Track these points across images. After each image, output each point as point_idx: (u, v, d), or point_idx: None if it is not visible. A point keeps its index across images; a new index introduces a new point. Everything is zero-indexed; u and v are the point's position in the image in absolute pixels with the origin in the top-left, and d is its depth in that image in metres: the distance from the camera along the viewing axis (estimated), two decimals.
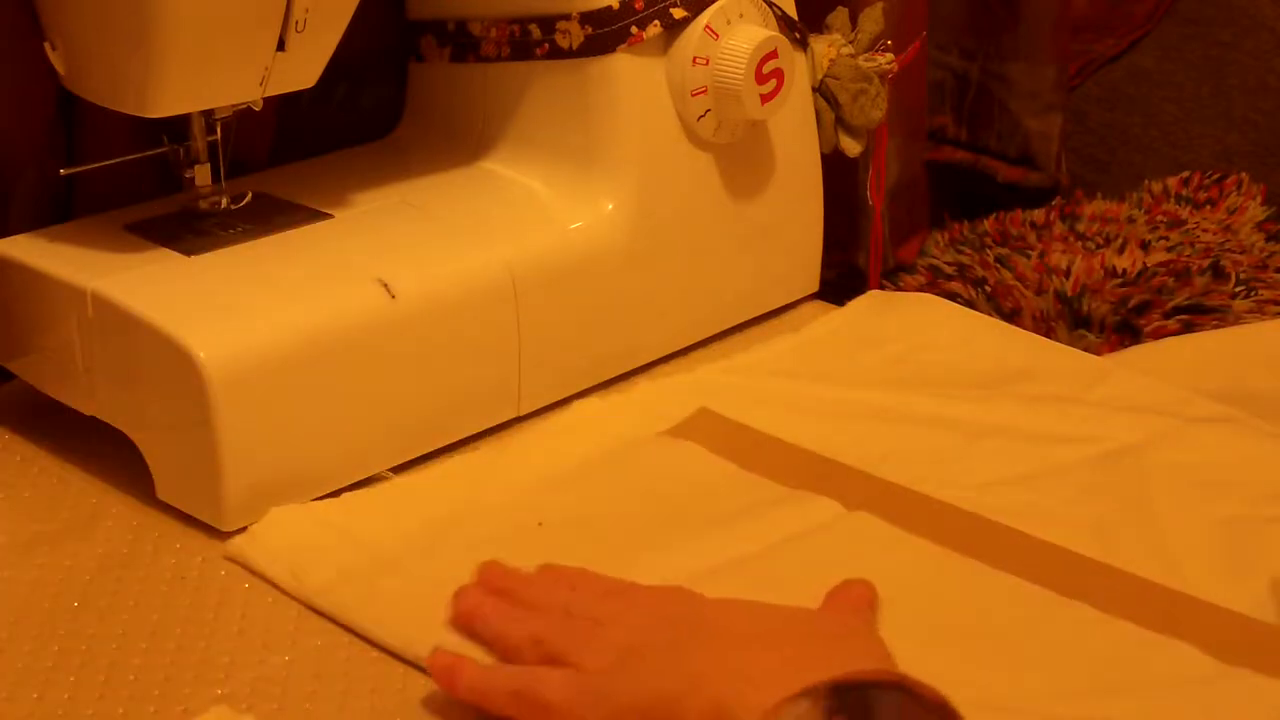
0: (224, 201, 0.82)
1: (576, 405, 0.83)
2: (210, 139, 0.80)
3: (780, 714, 0.47)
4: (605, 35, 0.84)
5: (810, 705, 0.47)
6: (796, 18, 0.92)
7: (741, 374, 0.87)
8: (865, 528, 0.71)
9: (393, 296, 0.76)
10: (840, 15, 0.95)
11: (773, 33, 0.87)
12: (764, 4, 0.89)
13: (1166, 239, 1.14)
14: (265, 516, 0.72)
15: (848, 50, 0.94)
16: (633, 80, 0.85)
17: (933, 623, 0.64)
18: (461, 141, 0.90)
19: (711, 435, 0.79)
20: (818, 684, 0.47)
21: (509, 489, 0.75)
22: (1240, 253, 1.13)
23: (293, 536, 0.71)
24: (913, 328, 0.92)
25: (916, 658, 0.62)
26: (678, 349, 0.91)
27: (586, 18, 0.84)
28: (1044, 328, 1.03)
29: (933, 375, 0.86)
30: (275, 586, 0.69)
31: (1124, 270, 1.07)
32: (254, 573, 0.69)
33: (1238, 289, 1.05)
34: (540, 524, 0.72)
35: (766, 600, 0.62)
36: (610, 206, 0.85)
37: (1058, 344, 0.93)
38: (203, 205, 0.82)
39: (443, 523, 0.72)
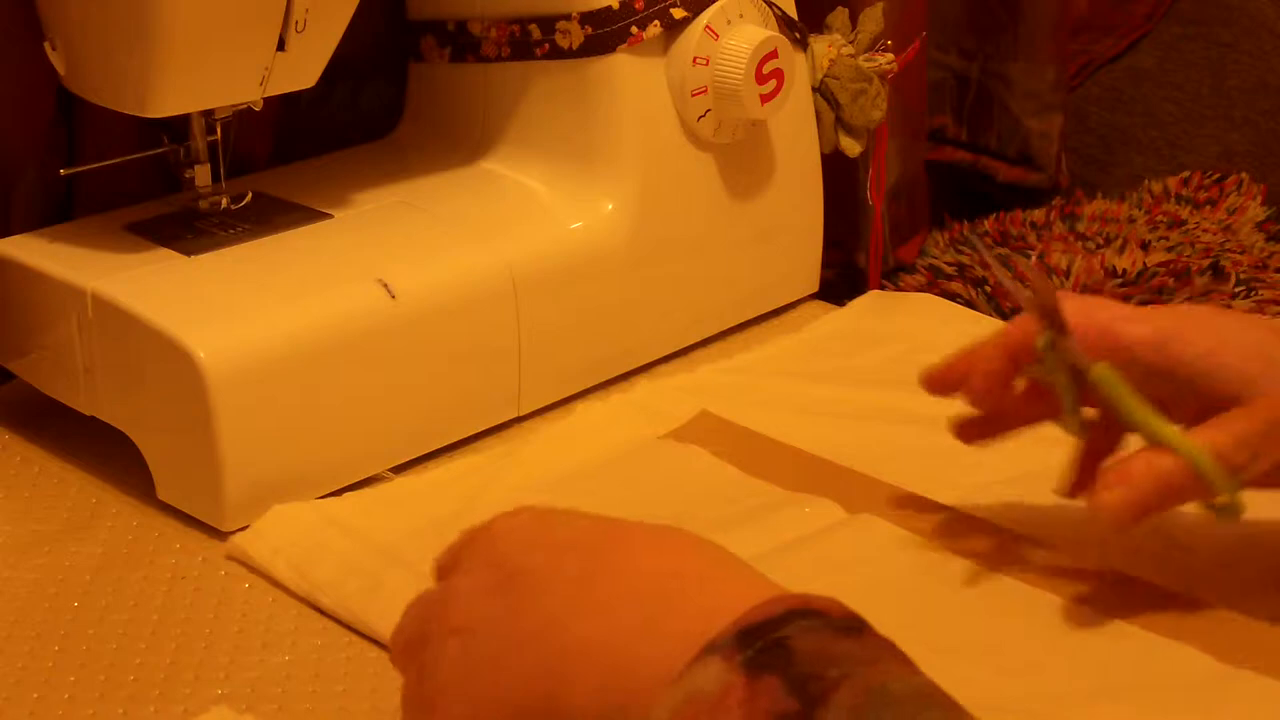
0: (224, 201, 0.82)
1: (578, 408, 0.83)
2: (210, 139, 0.80)
3: (696, 676, 0.43)
4: (605, 35, 0.84)
5: (724, 662, 0.43)
6: (796, 18, 0.92)
7: (741, 374, 0.87)
8: (869, 531, 0.71)
9: (393, 296, 0.76)
10: (840, 15, 0.95)
11: (773, 33, 0.87)
12: (764, 4, 0.89)
13: (1166, 239, 1.14)
14: (267, 513, 0.72)
15: (848, 50, 0.94)
16: (633, 80, 0.85)
17: (935, 626, 0.64)
18: (461, 141, 0.90)
19: (713, 438, 0.79)
20: (718, 636, 0.43)
21: (512, 491, 0.75)
22: (1240, 253, 1.13)
23: (295, 533, 0.71)
24: (913, 328, 0.92)
25: (919, 661, 0.62)
26: (678, 349, 0.91)
27: (586, 18, 0.84)
28: None
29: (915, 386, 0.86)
30: (277, 584, 0.69)
31: (1124, 270, 1.07)
32: (255, 570, 0.69)
33: (1238, 289, 1.05)
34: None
35: None
36: (610, 206, 0.85)
37: None
38: (203, 205, 0.82)
39: (446, 521, 0.72)
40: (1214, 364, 0.61)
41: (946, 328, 0.92)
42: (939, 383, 0.68)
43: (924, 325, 0.93)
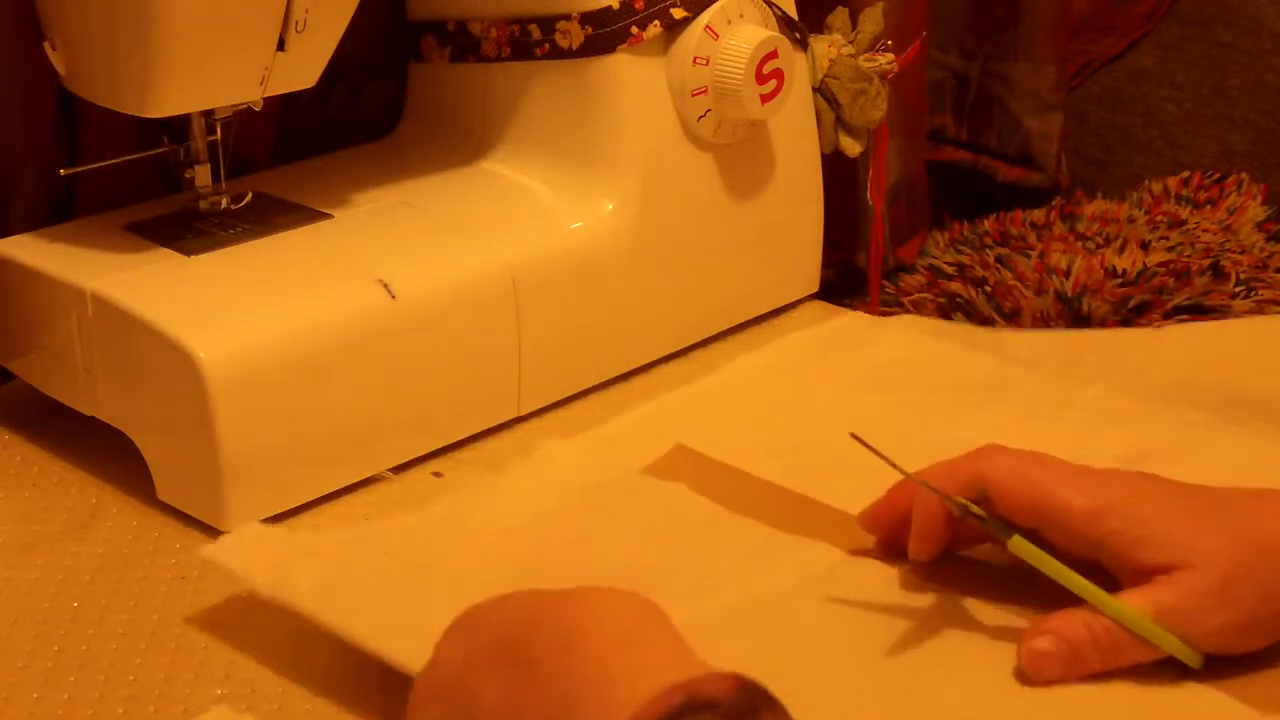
0: (224, 201, 0.82)
1: (544, 445, 0.79)
2: (210, 139, 0.81)
3: None
4: (605, 35, 0.84)
5: None
6: (796, 18, 0.92)
7: (712, 401, 0.84)
8: (868, 574, 0.68)
9: (393, 296, 0.76)
10: (840, 15, 0.95)
11: (773, 33, 0.87)
12: (764, 4, 0.89)
13: (1166, 239, 1.14)
14: (236, 531, 0.68)
15: (848, 50, 0.94)
16: (633, 80, 0.85)
17: (948, 675, 0.62)
18: (461, 141, 0.90)
19: (694, 475, 0.76)
20: None
21: (492, 537, 0.71)
22: (1240, 253, 1.13)
23: (270, 550, 0.67)
24: (885, 353, 0.90)
25: (933, 712, 0.60)
26: (678, 349, 0.91)
27: (586, 18, 0.84)
28: (1044, 328, 1.03)
29: (907, 394, 0.85)
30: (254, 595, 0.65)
31: (1124, 270, 1.07)
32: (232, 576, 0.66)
33: (1238, 289, 1.05)
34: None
35: (773, 656, 0.60)
36: (610, 206, 0.86)
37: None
38: (203, 205, 0.82)
39: (421, 570, 0.68)
40: (1145, 533, 0.61)
41: (921, 351, 0.90)
42: (872, 523, 0.69)
43: (897, 349, 0.90)
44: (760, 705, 0.46)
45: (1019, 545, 0.62)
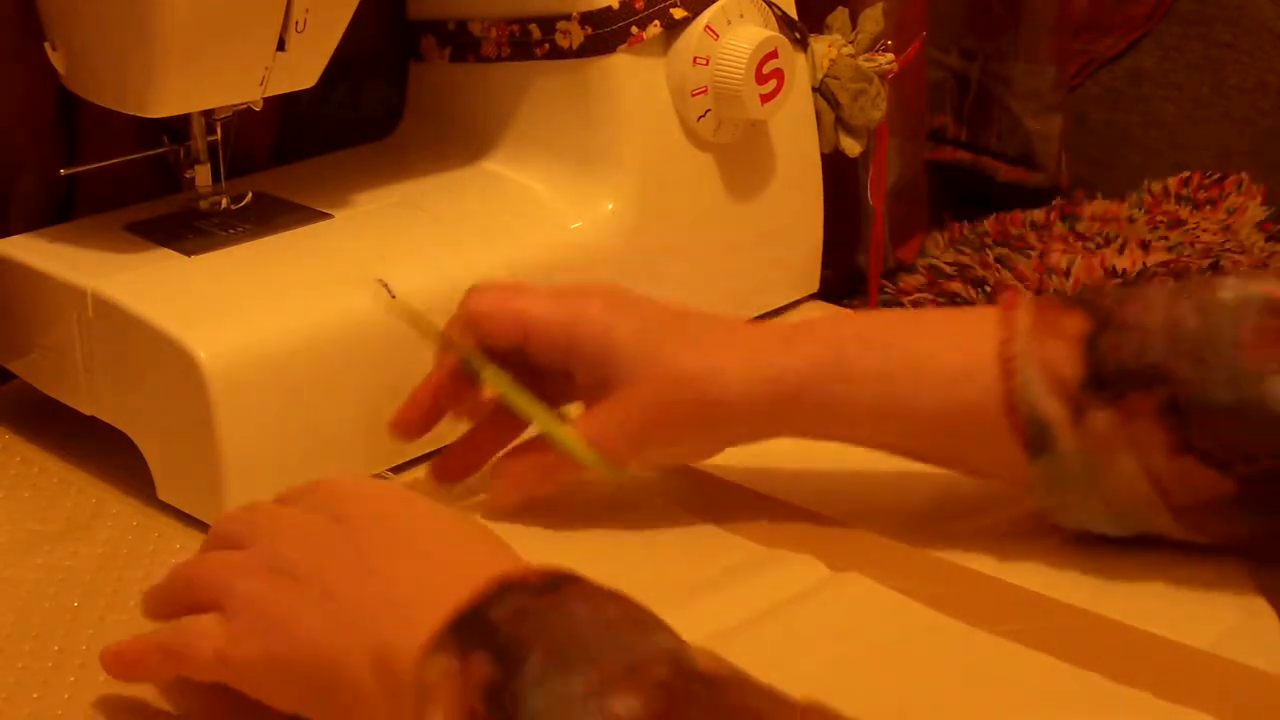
0: (224, 201, 0.82)
1: None
2: (210, 139, 0.81)
3: (424, 672, 0.49)
4: (605, 35, 0.84)
5: (445, 656, 0.48)
6: (796, 18, 0.92)
7: None
8: (855, 591, 0.66)
9: (393, 296, 0.76)
10: (840, 15, 0.95)
11: (773, 33, 0.87)
12: (764, 4, 0.89)
13: (1166, 239, 1.14)
14: None
15: (848, 50, 0.94)
16: (633, 80, 0.85)
17: (933, 698, 0.60)
18: (462, 141, 0.90)
19: (680, 485, 0.75)
20: (438, 630, 0.49)
21: None
22: (1240, 253, 1.13)
23: None
24: None
25: None
26: None
27: (586, 18, 0.84)
28: None
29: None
30: None
31: (1124, 270, 1.07)
32: None
33: None
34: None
35: (757, 677, 0.60)
36: (610, 206, 0.86)
37: None
38: (203, 205, 0.82)
39: None
40: (609, 343, 0.67)
41: None
42: (407, 426, 0.73)
43: None
44: (565, 580, 0.50)
45: (490, 375, 0.69)
